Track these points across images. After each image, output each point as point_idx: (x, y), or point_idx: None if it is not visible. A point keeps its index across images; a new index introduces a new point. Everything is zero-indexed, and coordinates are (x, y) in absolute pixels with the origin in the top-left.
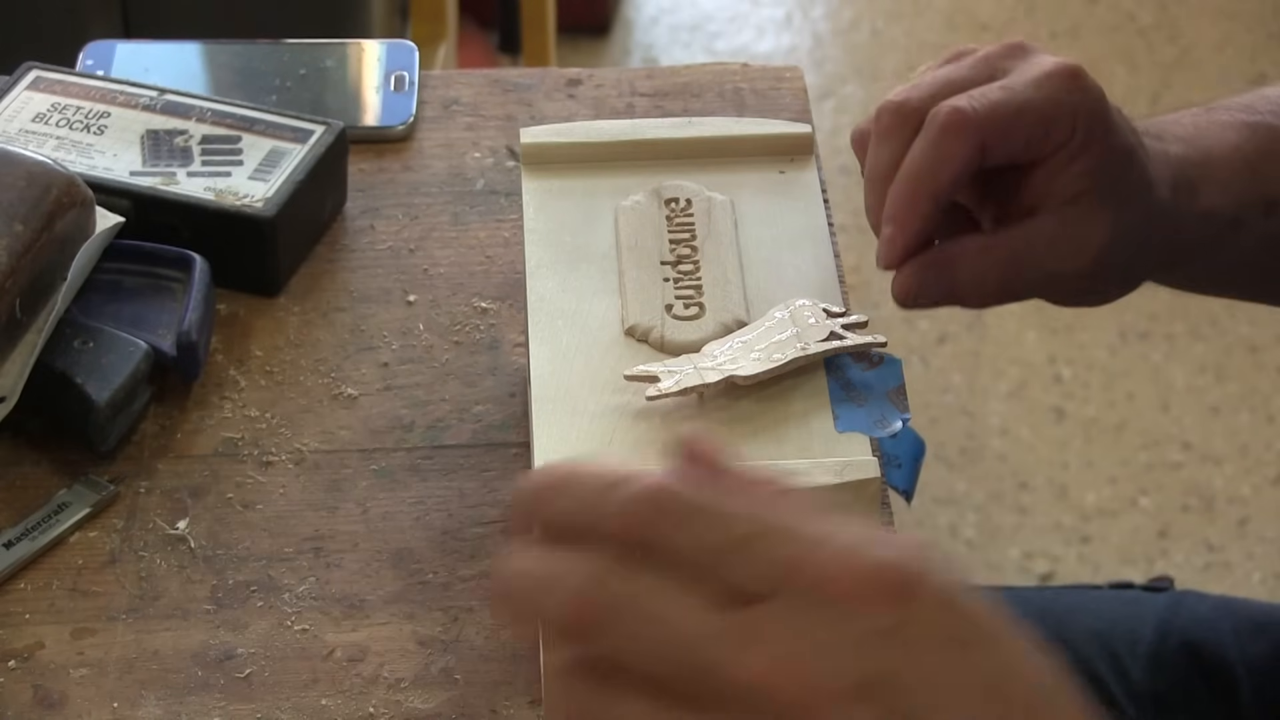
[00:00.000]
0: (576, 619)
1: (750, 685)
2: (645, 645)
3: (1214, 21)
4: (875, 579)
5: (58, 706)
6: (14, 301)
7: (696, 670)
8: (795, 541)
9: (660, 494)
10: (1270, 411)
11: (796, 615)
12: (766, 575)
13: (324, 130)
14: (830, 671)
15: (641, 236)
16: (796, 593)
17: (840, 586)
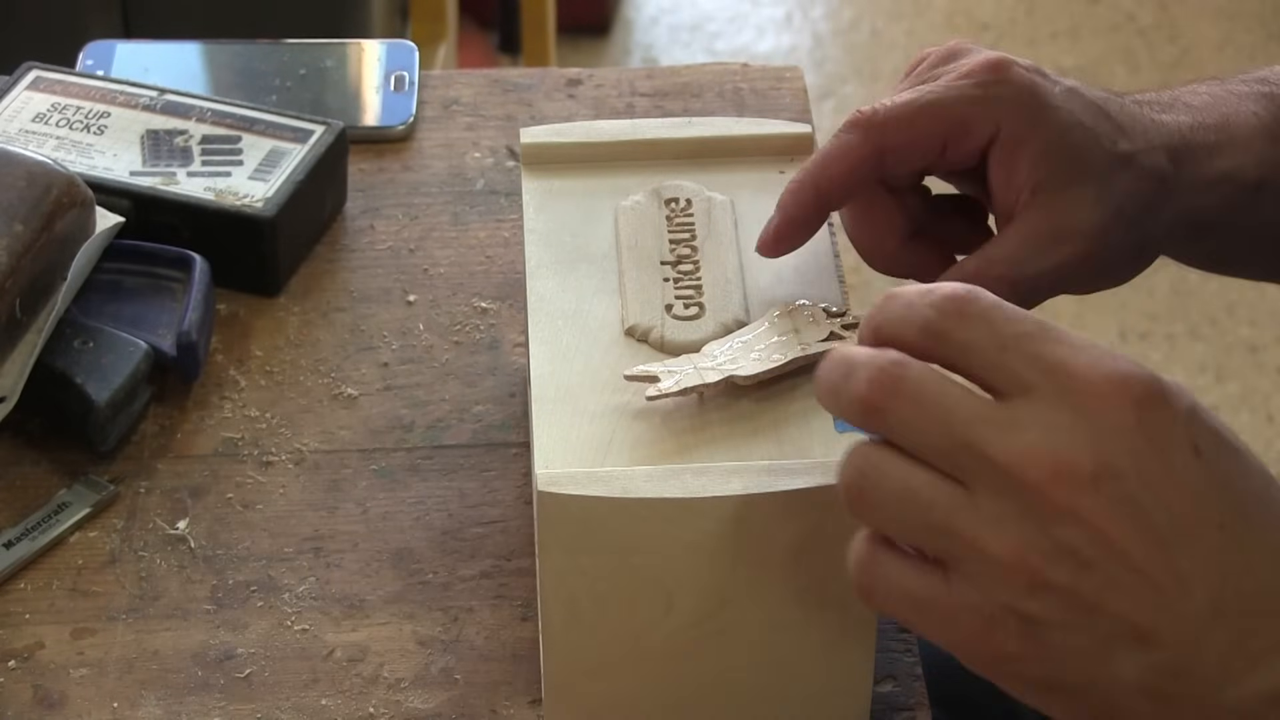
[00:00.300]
0: (871, 396)
1: (1005, 465)
2: (924, 422)
3: (1214, 21)
4: (1126, 383)
5: (58, 706)
6: (14, 301)
7: (962, 446)
8: (1061, 344)
9: (965, 294)
10: (1270, 411)
11: (1052, 410)
12: (1033, 369)
13: (324, 130)
14: (1070, 461)
15: (641, 236)
16: (1055, 389)
17: (1096, 385)
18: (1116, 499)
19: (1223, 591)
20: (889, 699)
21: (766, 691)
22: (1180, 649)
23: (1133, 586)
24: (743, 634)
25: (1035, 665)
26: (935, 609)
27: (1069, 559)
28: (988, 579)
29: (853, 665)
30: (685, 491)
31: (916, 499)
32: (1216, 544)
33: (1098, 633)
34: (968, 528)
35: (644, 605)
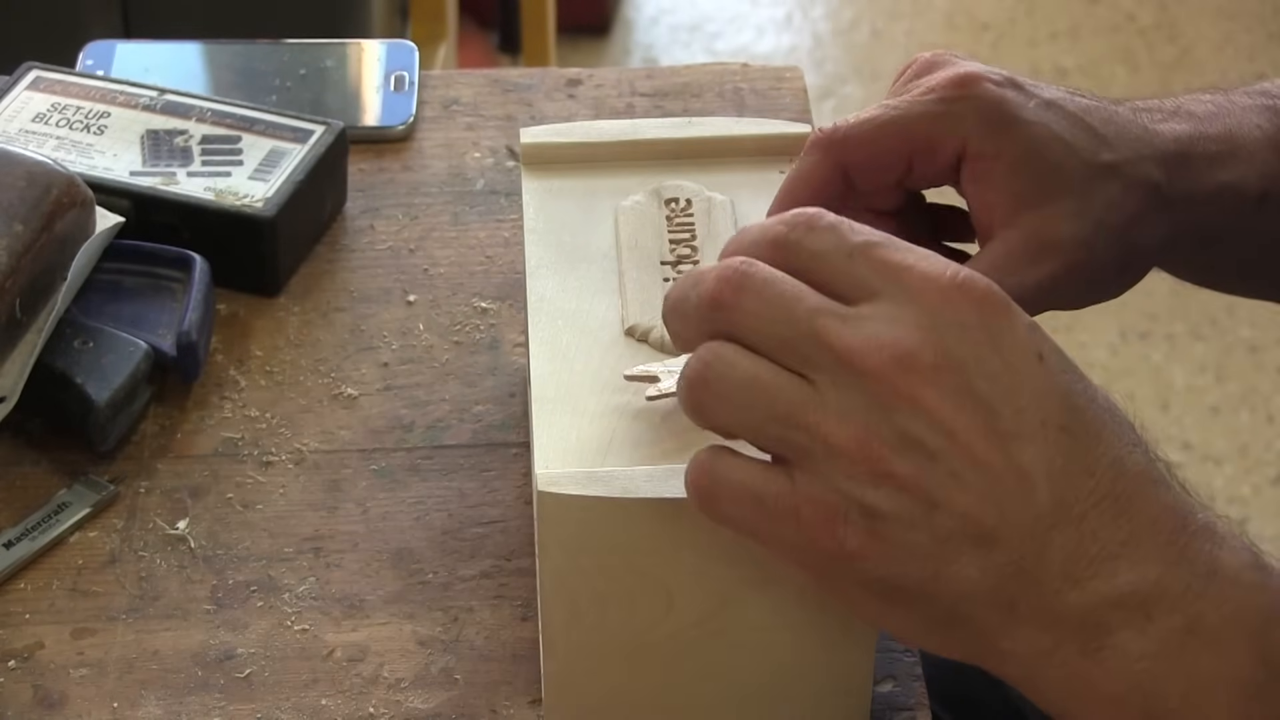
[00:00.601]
0: (718, 292)
1: (847, 352)
2: (770, 313)
3: (1214, 21)
4: (968, 285)
5: (58, 706)
6: (14, 301)
7: (806, 336)
8: (908, 252)
9: (816, 211)
10: (1270, 411)
11: (894, 308)
12: (879, 274)
13: (324, 130)
14: (911, 350)
15: (641, 236)
16: (900, 290)
17: (940, 285)
18: (959, 390)
19: (1065, 494)
20: (889, 699)
21: (766, 691)
22: (1022, 549)
23: (976, 482)
24: (743, 634)
25: (876, 563)
26: (778, 506)
27: (913, 449)
28: (831, 469)
29: (853, 665)
30: (685, 491)
31: (762, 388)
32: (1061, 445)
33: (939, 529)
34: (812, 417)
35: (644, 605)
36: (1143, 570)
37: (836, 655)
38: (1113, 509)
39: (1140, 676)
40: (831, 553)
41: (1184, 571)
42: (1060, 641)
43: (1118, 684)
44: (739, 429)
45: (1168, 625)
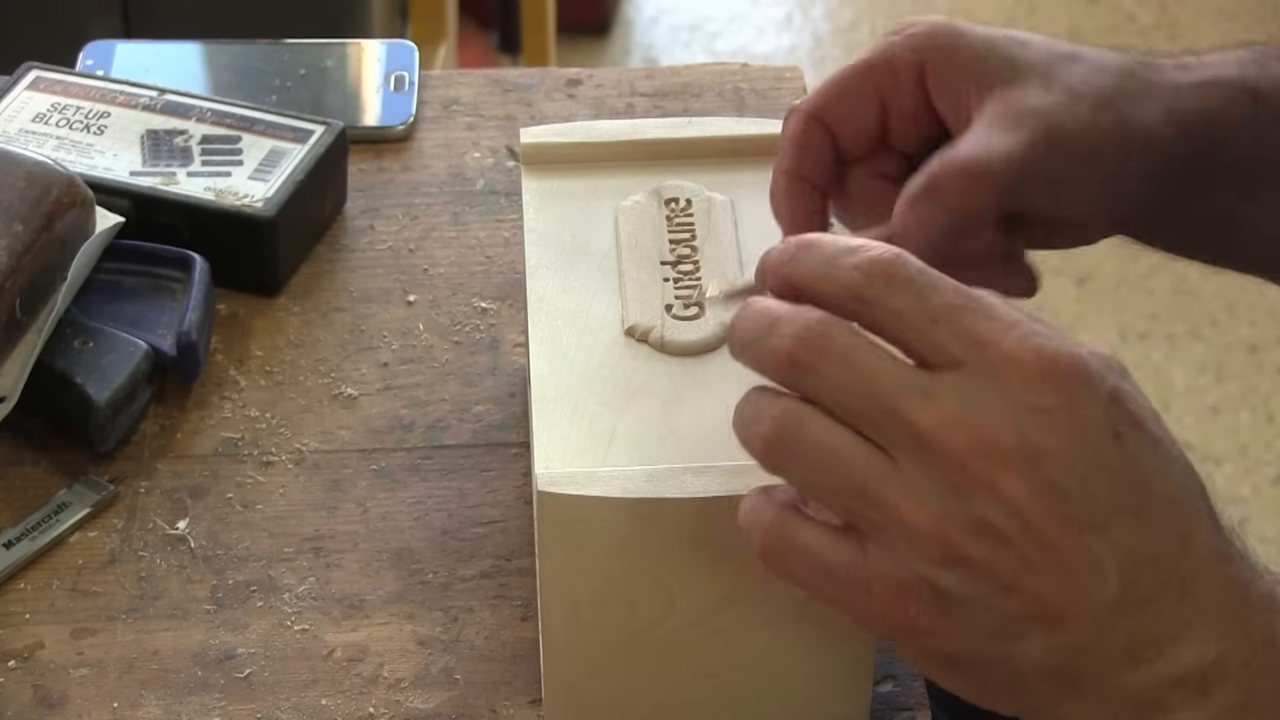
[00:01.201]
0: (796, 353)
1: (927, 433)
2: (850, 384)
3: (1214, 21)
4: (1052, 362)
5: (58, 706)
6: (14, 301)
7: (886, 411)
8: (990, 320)
9: (894, 260)
10: (1270, 411)
11: (977, 384)
12: (962, 343)
13: (324, 130)
14: (993, 435)
15: (641, 236)
16: (982, 365)
17: (1023, 364)
18: (1036, 477)
19: (1133, 580)
20: (889, 699)
21: (766, 691)
22: (1088, 632)
23: (1047, 567)
24: (743, 634)
25: (944, 640)
26: (849, 577)
27: (987, 534)
28: (906, 548)
29: (853, 665)
30: (685, 491)
31: (838, 457)
32: (1131, 531)
33: (1008, 611)
34: (888, 493)
35: (644, 605)
36: (1203, 650)
37: (836, 655)
38: (1178, 591)
39: None
40: (902, 626)
41: (1243, 646)
42: (1119, 716)
43: None
44: (813, 493)
45: (1224, 701)
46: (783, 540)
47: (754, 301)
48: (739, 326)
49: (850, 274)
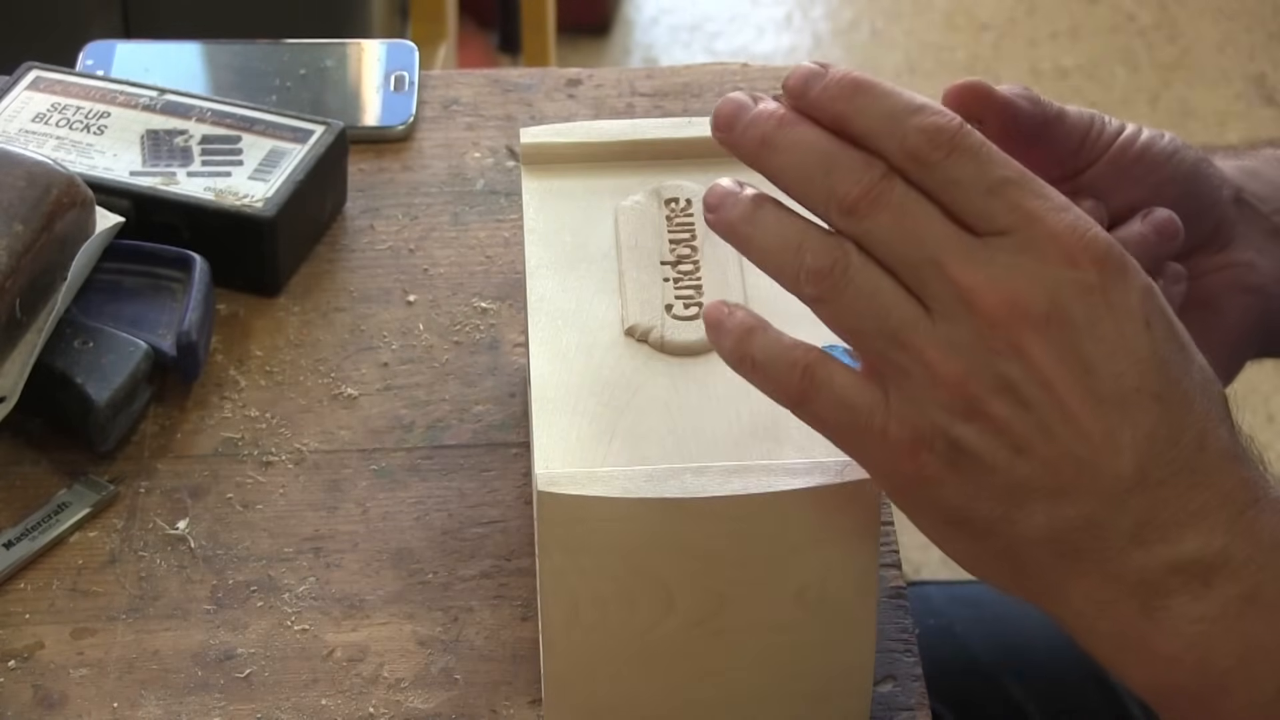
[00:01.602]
0: (854, 200)
1: (965, 289)
2: (900, 233)
3: (1214, 21)
4: (1094, 245)
5: (58, 706)
6: (14, 301)
7: (929, 263)
8: (1045, 198)
9: (959, 129)
10: (1270, 411)
11: (1021, 254)
12: (1013, 215)
13: (324, 130)
14: (1027, 300)
15: (641, 236)
16: (1028, 238)
17: (1067, 242)
18: (1064, 346)
19: (1147, 461)
20: (889, 699)
21: (766, 691)
22: (1095, 507)
23: (1063, 436)
24: (743, 634)
25: (951, 491)
26: (870, 421)
27: (1008, 394)
28: (927, 397)
29: (853, 665)
30: (685, 491)
31: (880, 302)
32: (1151, 413)
33: (1018, 474)
34: (919, 342)
35: (644, 605)
36: (1208, 539)
37: (836, 655)
38: (1189, 479)
39: (1195, 638)
40: (909, 474)
41: (1249, 543)
42: (1119, 597)
43: (1172, 643)
44: (848, 332)
45: (1226, 593)
46: (813, 379)
47: (792, 120)
48: (778, 148)
49: (915, 136)
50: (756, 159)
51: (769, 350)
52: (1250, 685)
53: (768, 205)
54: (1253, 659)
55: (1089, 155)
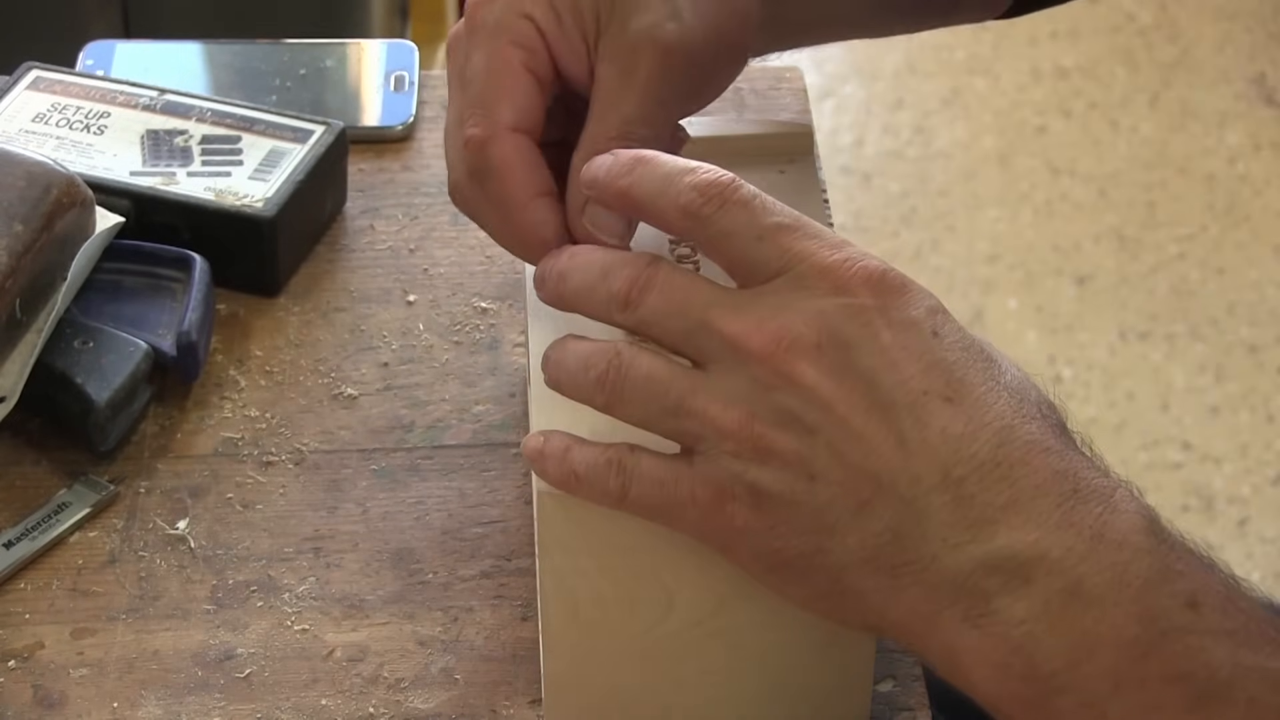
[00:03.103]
0: (626, 292)
1: (733, 337)
2: (670, 309)
3: (1214, 21)
4: (871, 274)
5: (58, 706)
6: (14, 301)
7: (699, 326)
8: (817, 238)
9: (730, 182)
10: (1270, 411)
11: (789, 291)
12: (783, 257)
13: (324, 130)
14: (793, 330)
15: (642, 236)
16: (798, 275)
17: (838, 273)
18: (840, 366)
19: (944, 458)
20: (889, 699)
21: (766, 691)
22: (899, 514)
23: (853, 453)
24: (743, 634)
25: (764, 538)
26: (677, 490)
27: (793, 424)
28: (720, 452)
29: (853, 665)
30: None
31: (659, 381)
32: (942, 413)
33: (819, 500)
34: (700, 403)
35: (644, 605)
36: (1021, 534)
37: (836, 655)
38: (994, 474)
39: (1022, 639)
40: (724, 529)
41: (1067, 535)
42: (941, 607)
43: (999, 649)
44: (644, 424)
45: (1048, 587)
46: (625, 470)
47: (579, 251)
48: (568, 276)
49: (687, 193)
50: (559, 295)
51: (586, 459)
52: (1083, 684)
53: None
54: (1081, 657)
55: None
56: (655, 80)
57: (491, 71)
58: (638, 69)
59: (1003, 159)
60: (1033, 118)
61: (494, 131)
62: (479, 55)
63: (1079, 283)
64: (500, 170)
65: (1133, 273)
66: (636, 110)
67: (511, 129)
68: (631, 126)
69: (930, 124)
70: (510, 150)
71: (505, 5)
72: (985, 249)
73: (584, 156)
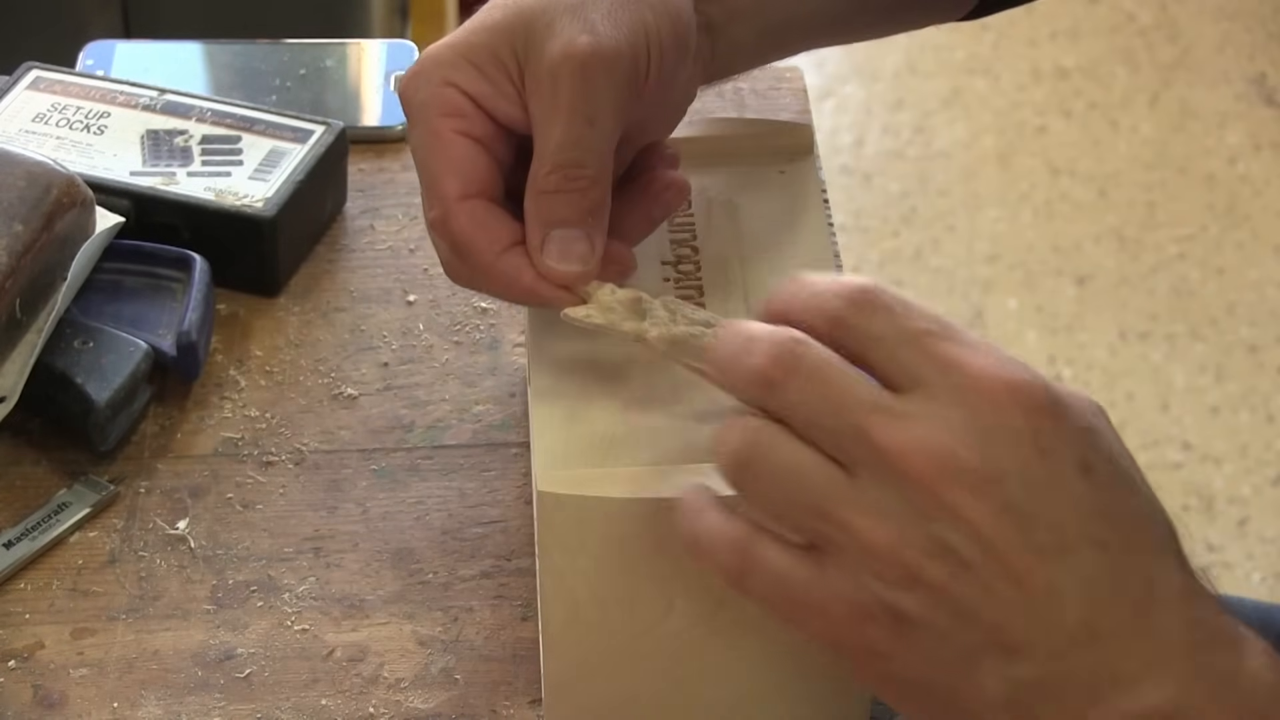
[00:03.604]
0: (769, 370)
1: (891, 452)
2: (819, 402)
3: (1214, 21)
4: (1021, 390)
5: (58, 706)
6: (14, 301)
7: (851, 429)
8: (962, 345)
9: (874, 287)
10: (1270, 411)
11: (944, 406)
12: (932, 366)
13: (324, 130)
14: (954, 456)
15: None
16: (950, 387)
17: (991, 388)
18: (1000, 503)
19: (1094, 614)
20: None
21: (766, 691)
22: (1046, 665)
23: (1007, 595)
24: (742, 634)
25: (901, 664)
26: (808, 596)
27: (947, 557)
28: (862, 569)
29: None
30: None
31: (802, 477)
32: (1095, 563)
33: (966, 638)
34: (848, 513)
35: (644, 605)
36: (1164, 690)
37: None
38: (1139, 629)
39: None
40: (858, 648)
41: (1203, 688)
42: None
43: None
44: (775, 512)
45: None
46: (746, 556)
47: (731, 323)
48: (719, 346)
49: (832, 300)
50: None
51: (711, 527)
52: None
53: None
54: None
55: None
56: (578, 98)
57: (429, 149)
58: (559, 92)
59: (1003, 159)
60: (1033, 118)
61: (446, 207)
62: (415, 136)
63: (1079, 283)
64: (462, 241)
65: (1133, 273)
66: (565, 135)
67: (460, 199)
68: (564, 153)
69: (930, 124)
70: (465, 220)
71: (427, 79)
72: (985, 249)
73: (532, 196)
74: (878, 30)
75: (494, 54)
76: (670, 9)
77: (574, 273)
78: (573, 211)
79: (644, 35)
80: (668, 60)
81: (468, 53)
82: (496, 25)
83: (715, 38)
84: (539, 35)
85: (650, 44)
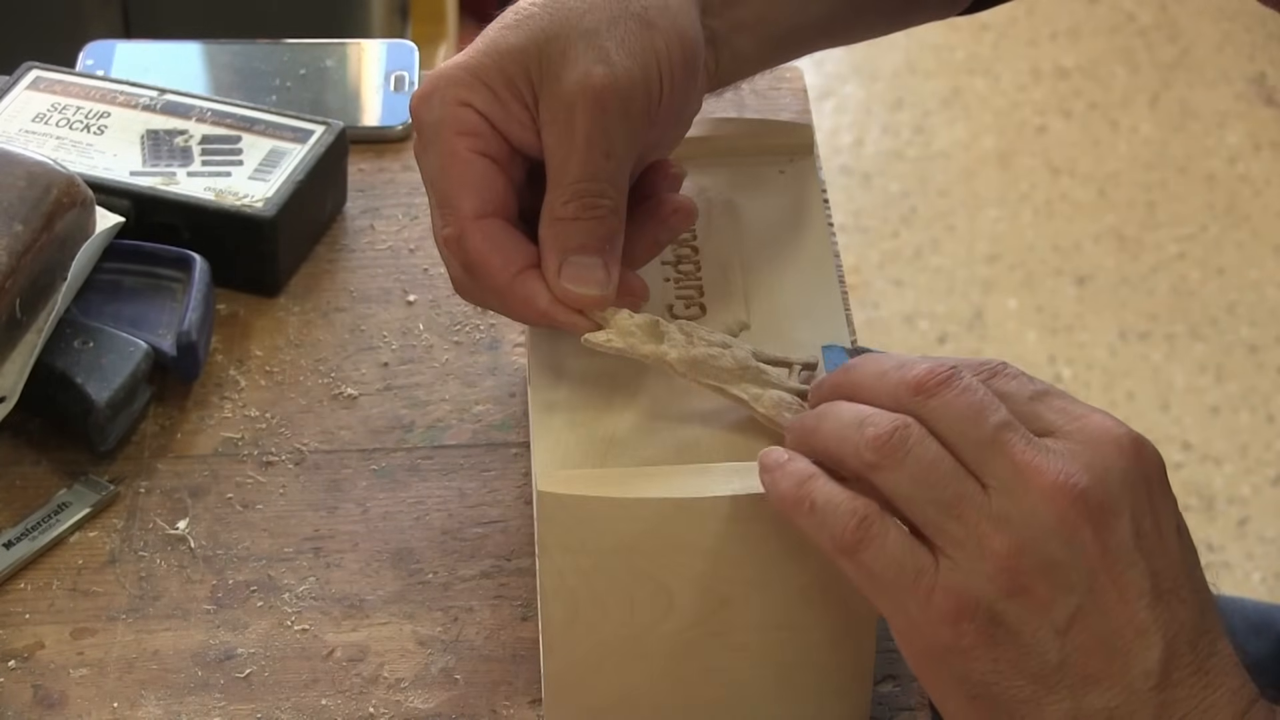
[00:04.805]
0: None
1: (1022, 468)
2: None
3: (1214, 21)
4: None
5: (58, 706)
6: (14, 301)
7: (990, 442)
8: (1083, 405)
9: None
10: (1270, 411)
11: (1073, 446)
12: (1059, 416)
13: (324, 130)
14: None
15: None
16: (1080, 432)
17: (1114, 437)
18: (1113, 537)
19: (1171, 659)
20: (889, 699)
21: (766, 691)
22: (1120, 699)
23: (1100, 624)
24: (743, 634)
25: (983, 665)
26: (917, 581)
27: (1055, 574)
28: (975, 568)
29: (853, 665)
30: (685, 491)
31: (940, 473)
32: (1180, 615)
33: (1051, 656)
34: (973, 514)
35: (644, 605)
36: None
37: (836, 655)
38: (1202, 681)
39: None
40: (945, 642)
41: None
42: None
43: None
44: (904, 498)
45: None
46: (870, 531)
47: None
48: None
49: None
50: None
51: (829, 495)
52: None
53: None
54: None
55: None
56: (596, 132)
57: (444, 168)
58: (575, 125)
59: (1003, 159)
60: (1033, 118)
61: (462, 226)
62: (430, 155)
63: (1079, 283)
64: (476, 261)
65: (1133, 273)
66: (583, 169)
67: (476, 218)
68: (582, 186)
69: (930, 124)
70: (480, 239)
71: (441, 99)
72: (985, 249)
73: (548, 223)
74: (878, 30)
75: (507, 78)
76: (678, 29)
77: (591, 296)
78: (590, 239)
79: (655, 62)
80: (678, 84)
81: (481, 74)
82: (510, 49)
83: (719, 50)
84: (554, 63)
85: (662, 70)
